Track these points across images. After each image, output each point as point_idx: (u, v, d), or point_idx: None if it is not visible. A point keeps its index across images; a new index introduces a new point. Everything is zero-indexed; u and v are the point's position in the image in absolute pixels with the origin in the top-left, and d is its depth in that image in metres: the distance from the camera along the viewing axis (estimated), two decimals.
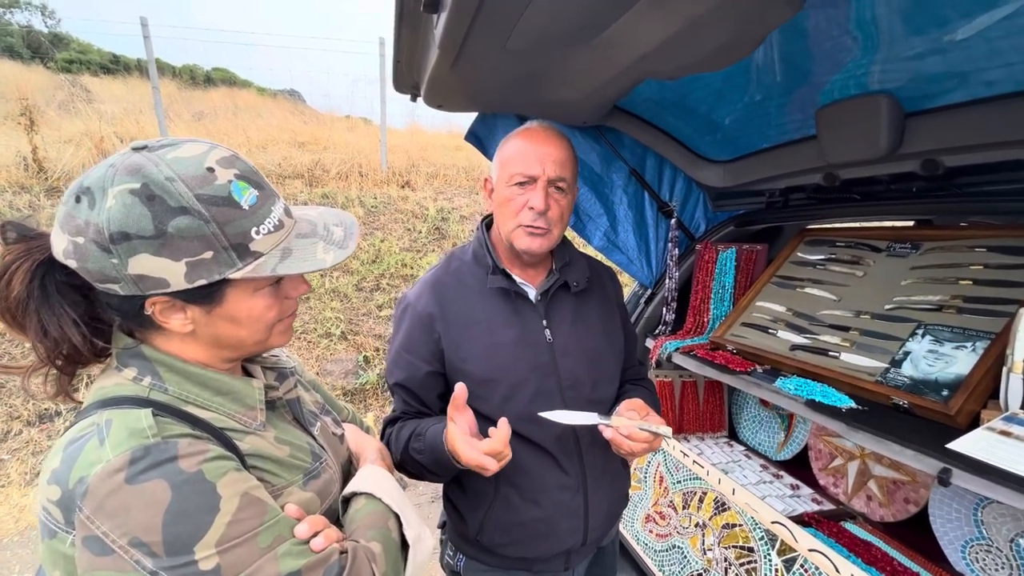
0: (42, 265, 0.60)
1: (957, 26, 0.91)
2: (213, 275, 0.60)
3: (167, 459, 0.54)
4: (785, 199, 1.69)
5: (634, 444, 0.94)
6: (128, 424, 0.56)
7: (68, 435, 0.58)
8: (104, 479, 0.52)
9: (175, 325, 0.63)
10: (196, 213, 0.57)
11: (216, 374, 0.67)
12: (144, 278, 0.57)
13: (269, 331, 0.70)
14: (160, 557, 0.52)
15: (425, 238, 5.62)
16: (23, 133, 4.90)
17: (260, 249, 0.62)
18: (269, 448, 0.68)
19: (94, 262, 0.56)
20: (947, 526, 1.26)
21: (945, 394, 1.06)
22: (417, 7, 0.93)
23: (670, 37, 0.97)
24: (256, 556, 0.56)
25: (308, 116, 8.86)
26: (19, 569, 2.57)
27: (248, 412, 0.68)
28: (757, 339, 1.55)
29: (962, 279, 1.23)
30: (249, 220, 0.61)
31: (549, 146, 1.03)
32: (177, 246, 0.57)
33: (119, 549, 0.51)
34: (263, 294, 0.66)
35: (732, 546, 1.39)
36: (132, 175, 0.56)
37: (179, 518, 0.53)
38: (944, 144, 1.13)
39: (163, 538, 0.52)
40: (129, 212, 0.55)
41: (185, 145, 0.60)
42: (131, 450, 0.53)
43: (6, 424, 3.43)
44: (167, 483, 0.53)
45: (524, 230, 1.04)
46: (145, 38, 5.69)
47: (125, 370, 0.63)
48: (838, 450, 1.62)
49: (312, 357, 4.34)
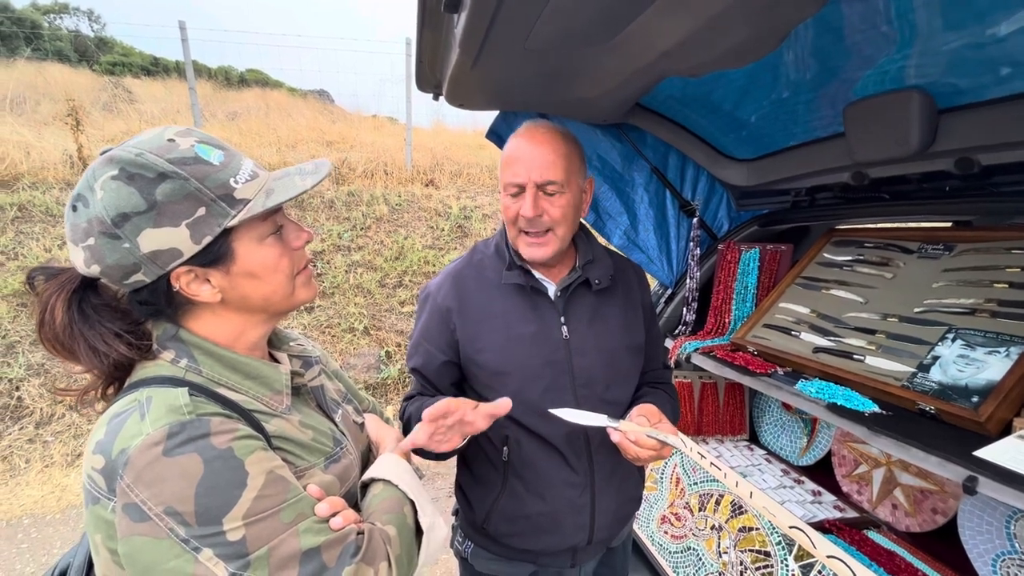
0: (76, 292, 0.65)
1: (994, 19, 0.88)
2: (214, 228, 0.64)
3: (200, 435, 0.58)
4: (811, 198, 1.65)
5: (641, 450, 0.93)
6: (167, 401, 0.60)
7: (112, 409, 0.62)
8: (143, 451, 0.56)
9: (205, 295, 0.67)
10: (174, 175, 0.61)
11: (247, 358, 0.71)
12: (158, 253, 0.62)
13: (291, 283, 0.74)
14: (192, 526, 0.55)
15: (448, 236, 5.68)
16: (70, 133, 5.16)
17: (246, 196, 0.66)
18: (293, 431, 0.71)
19: (110, 255, 0.61)
20: (977, 538, 1.21)
21: (975, 400, 1.02)
22: (438, 7, 0.95)
23: (691, 34, 0.96)
24: (279, 531, 0.59)
25: (336, 115, 9.06)
26: (60, 545, 2.71)
27: (275, 396, 0.72)
28: (779, 341, 1.52)
29: (997, 282, 1.18)
30: (223, 173, 0.65)
31: (535, 148, 1.01)
32: (171, 211, 0.61)
33: (155, 517, 0.55)
34: (269, 243, 0.70)
35: (748, 550, 1.37)
36: (107, 165, 0.61)
37: (210, 491, 0.56)
38: (980, 142, 1.09)
39: (195, 508, 0.55)
40: (118, 194, 0.59)
41: (143, 132, 0.65)
42: (168, 425, 0.57)
43: (50, 408, 3.62)
44: (200, 457, 0.57)
45: (524, 239, 1.05)
46: (183, 41, 5.91)
47: (164, 352, 0.67)
48: (863, 456, 1.58)
49: (336, 351, 4.44)
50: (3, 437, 3.42)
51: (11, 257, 4.24)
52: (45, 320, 0.64)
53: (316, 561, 0.60)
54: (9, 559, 2.60)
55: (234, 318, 0.71)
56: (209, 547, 0.55)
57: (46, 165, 5.08)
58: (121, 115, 6.83)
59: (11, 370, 3.66)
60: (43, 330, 0.64)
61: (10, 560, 2.59)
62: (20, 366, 3.69)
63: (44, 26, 13.50)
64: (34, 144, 5.32)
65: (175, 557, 0.55)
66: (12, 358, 3.73)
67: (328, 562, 0.60)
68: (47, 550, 2.67)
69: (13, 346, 3.78)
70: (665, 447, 0.95)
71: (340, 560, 0.61)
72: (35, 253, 4.27)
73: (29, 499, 3.07)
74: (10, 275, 4.09)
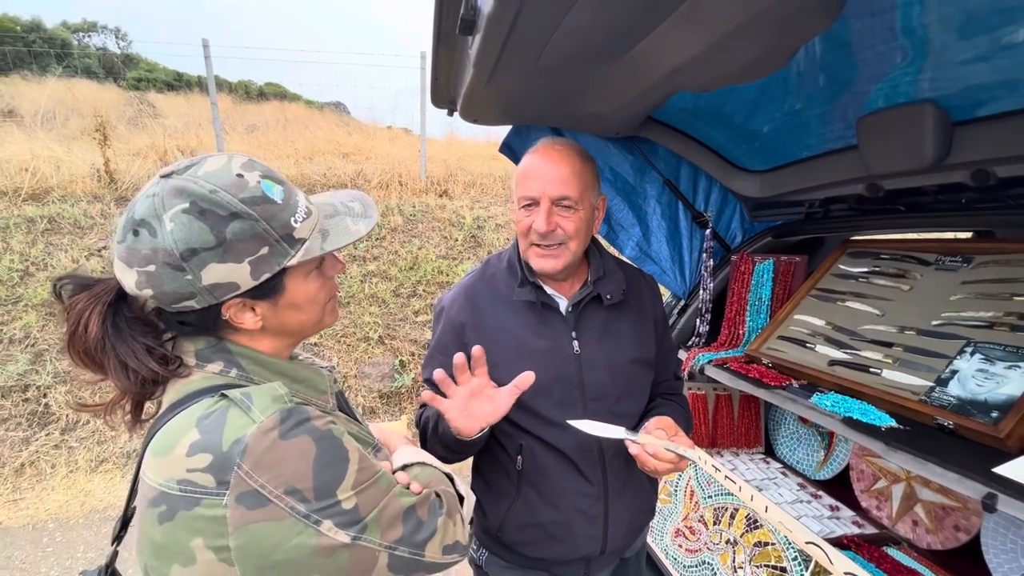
0: (112, 306, 0.66)
1: (1007, 31, 0.88)
2: (273, 267, 0.67)
3: (305, 419, 0.62)
4: (825, 210, 1.64)
5: (659, 464, 0.94)
6: (269, 393, 0.64)
7: (190, 416, 0.62)
8: (260, 437, 0.59)
9: (248, 323, 0.70)
10: (246, 215, 0.63)
11: (290, 364, 0.75)
12: (217, 286, 0.64)
13: (323, 311, 0.78)
14: (311, 502, 0.59)
15: (461, 246, 5.73)
16: (97, 147, 5.34)
17: (303, 235, 0.69)
18: (345, 425, 0.76)
19: (169, 284, 0.62)
20: (1001, 556, 1.18)
21: (995, 415, 1.00)
22: (453, 29, 0.98)
23: (702, 51, 0.98)
24: (381, 496, 0.66)
25: (352, 127, 9.22)
26: (83, 549, 2.77)
27: (322, 396, 0.77)
28: (794, 353, 1.51)
29: (1017, 295, 1.16)
30: (285, 212, 0.67)
31: (551, 165, 1.04)
32: (238, 249, 0.63)
33: (275, 499, 0.58)
34: (313, 276, 0.74)
35: (764, 565, 1.35)
36: (179, 197, 0.61)
37: (324, 467, 0.61)
38: (995, 154, 1.09)
39: (313, 484, 0.60)
40: (190, 229, 0.61)
41: (208, 160, 0.66)
42: (279, 411, 0.61)
43: (75, 414, 3.72)
44: (311, 438, 0.61)
45: (535, 251, 1.07)
46: (206, 58, 6.09)
47: (209, 365, 0.69)
48: (882, 471, 1.55)
49: (351, 360, 4.49)
50: (30, 443, 3.53)
51: (41, 268, 4.39)
52: (77, 333, 0.64)
53: (414, 517, 0.68)
54: (35, 562, 2.67)
55: (266, 341, 0.74)
56: (328, 518, 0.60)
57: (75, 179, 5.26)
58: (146, 129, 7.04)
59: (39, 377, 3.77)
60: (74, 342, 0.65)
61: (35, 563, 2.66)
62: (48, 374, 3.80)
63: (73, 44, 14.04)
64: (63, 158, 5.52)
65: (297, 534, 0.58)
66: (40, 366, 3.84)
67: (423, 517, 0.69)
68: (71, 554, 2.74)
69: (41, 354, 3.90)
70: (682, 460, 0.95)
71: (431, 514, 0.71)
72: (64, 264, 4.41)
73: (54, 504, 3.15)
74: (40, 285, 4.23)
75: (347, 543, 0.61)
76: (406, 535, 0.66)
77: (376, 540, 0.63)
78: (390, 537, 0.65)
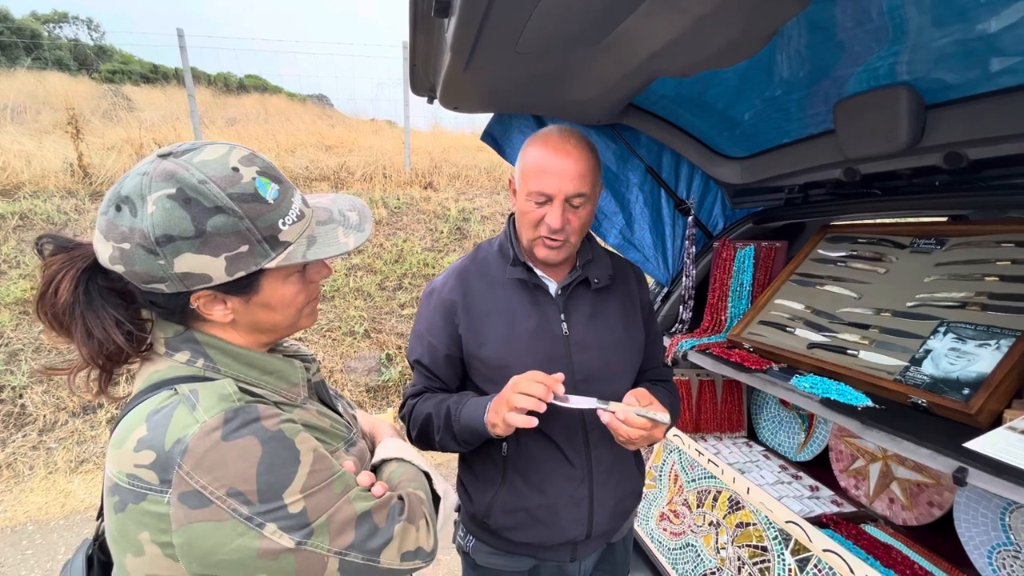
0: (86, 272, 0.64)
1: (979, 16, 0.89)
2: (250, 267, 0.65)
3: (253, 419, 0.61)
4: (805, 195, 1.66)
5: (631, 430, 0.93)
6: (216, 391, 0.62)
7: (144, 409, 0.61)
8: (202, 437, 0.57)
9: (217, 315, 0.68)
10: (230, 211, 0.61)
11: (260, 355, 0.72)
12: (189, 275, 0.62)
13: (298, 315, 0.76)
14: (254, 504, 0.58)
15: (447, 238, 5.69)
16: (70, 141, 5.19)
17: (288, 239, 0.67)
18: (314, 419, 0.74)
19: (141, 264, 0.60)
20: (973, 531, 1.22)
21: (966, 392, 1.03)
22: (429, 12, 0.97)
23: (678, 35, 0.98)
24: (333, 500, 0.64)
25: (335, 120, 9.09)
26: (64, 551, 2.72)
27: (293, 388, 0.75)
28: (775, 337, 1.53)
29: (988, 275, 1.19)
30: (275, 213, 0.65)
31: (568, 160, 1.01)
32: (216, 243, 0.61)
33: (216, 500, 0.56)
34: (292, 280, 0.72)
35: (745, 545, 1.38)
36: (167, 181, 0.59)
37: (270, 469, 0.59)
38: (967, 136, 1.11)
39: (257, 487, 0.58)
40: (170, 216, 0.59)
41: (207, 148, 0.64)
42: (224, 411, 0.59)
43: (53, 415, 3.64)
44: (257, 439, 0.60)
45: (542, 242, 1.06)
46: (181, 48, 5.93)
47: (177, 354, 0.67)
48: (859, 451, 1.59)
49: (336, 354, 4.46)
50: (7, 444, 3.44)
51: (13, 266, 4.27)
52: (47, 294, 0.62)
53: (369, 523, 0.66)
54: (14, 565, 2.62)
55: (237, 335, 0.72)
56: (272, 521, 0.58)
57: (47, 174, 5.11)
58: (121, 123, 6.85)
59: (14, 378, 3.68)
60: (43, 303, 0.63)
61: (15, 566, 2.61)
62: (23, 374, 3.71)
63: (44, 35, 13.57)
64: (35, 153, 5.35)
65: (239, 536, 0.57)
66: (15, 366, 3.75)
67: (379, 523, 0.67)
68: (51, 556, 2.68)
69: (16, 354, 3.80)
70: (657, 427, 0.95)
71: (389, 520, 0.68)
72: (36, 261, 4.29)
73: (33, 505, 3.09)
74: (12, 283, 4.12)
75: (291, 547, 0.59)
76: (358, 541, 0.64)
77: (324, 545, 0.61)
78: (340, 543, 0.63)
